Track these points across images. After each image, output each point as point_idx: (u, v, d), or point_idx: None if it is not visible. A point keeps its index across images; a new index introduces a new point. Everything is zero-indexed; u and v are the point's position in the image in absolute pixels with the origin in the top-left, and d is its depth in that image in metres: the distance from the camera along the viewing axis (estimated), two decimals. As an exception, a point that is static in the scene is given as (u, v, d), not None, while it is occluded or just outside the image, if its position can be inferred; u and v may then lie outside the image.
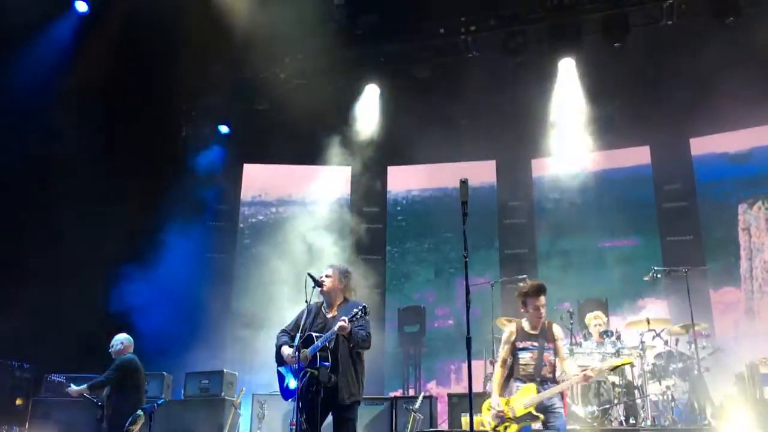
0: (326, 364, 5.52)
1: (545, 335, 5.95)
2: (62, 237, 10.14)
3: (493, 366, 9.14)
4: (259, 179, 13.20)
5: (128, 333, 8.12)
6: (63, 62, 10.57)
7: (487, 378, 9.13)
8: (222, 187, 12.78)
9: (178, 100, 12.52)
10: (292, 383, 5.80)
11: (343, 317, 5.51)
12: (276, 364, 5.96)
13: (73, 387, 7.79)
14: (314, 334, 5.64)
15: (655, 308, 10.44)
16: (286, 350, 5.79)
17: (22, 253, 9.88)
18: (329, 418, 5.67)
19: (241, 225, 12.99)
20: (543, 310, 5.96)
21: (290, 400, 5.86)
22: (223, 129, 12.98)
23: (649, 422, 7.69)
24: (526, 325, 6.01)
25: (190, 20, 10.60)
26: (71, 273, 9.97)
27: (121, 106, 11.10)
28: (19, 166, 9.82)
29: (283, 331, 5.99)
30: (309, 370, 5.50)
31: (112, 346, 7.92)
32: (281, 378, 5.94)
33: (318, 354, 5.52)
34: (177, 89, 11.89)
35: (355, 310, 5.56)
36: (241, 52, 11.30)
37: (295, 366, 5.66)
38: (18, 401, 9.45)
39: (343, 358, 5.62)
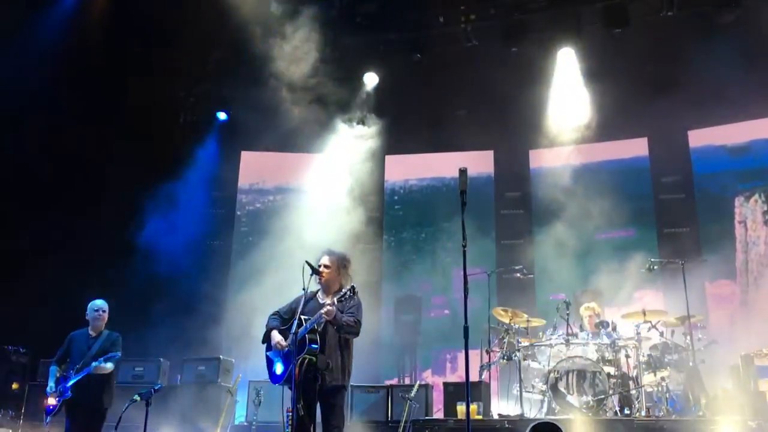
0: (314, 346, 5.52)
1: None
2: (58, 224, 10.12)
3: (489, 355, 9.22)
4: (256, 167, 13.13)
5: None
6: (59, 47, 10.49)
7: (483, 367, 9.15)
8: (219, 175, 12.74)
9: (175, 86, 12.45)
10: (279, 368, 5.81)
11: (330, 301, 5.52)
12: (264, 348, 5.96)
13: (105, 365, 6.91)
14: (304, 318, 5.64)
15: (651, 300, 10.48)
16: (276, 336, 5.78)
17: (18, 238, 9.86)
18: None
19: (239, 212, 12.96)
20: None
21: (283, 385, 5.84)
22: (221, 116, 12.93)
23: (643, 413, 7.72)
24: None
25: (189, 5, 10.54)
26: (66, 258, 9.95)
27: (118, 92, 11.03)
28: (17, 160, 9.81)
29: (276, 312, 5.99)
30: (307, 357, 5.51)
31: (98, 311, 7.18)
32: (270, 362, 5.93)
33: (307, 337, 5.53)
34: (175, 75, 11.83)
35: (342, 290, 5.56)
36: (239, 38, 11.24)
37: (284, 351, 5.67)
38: (14, 386, 9.45)
39: (330, 342, 5.63)
